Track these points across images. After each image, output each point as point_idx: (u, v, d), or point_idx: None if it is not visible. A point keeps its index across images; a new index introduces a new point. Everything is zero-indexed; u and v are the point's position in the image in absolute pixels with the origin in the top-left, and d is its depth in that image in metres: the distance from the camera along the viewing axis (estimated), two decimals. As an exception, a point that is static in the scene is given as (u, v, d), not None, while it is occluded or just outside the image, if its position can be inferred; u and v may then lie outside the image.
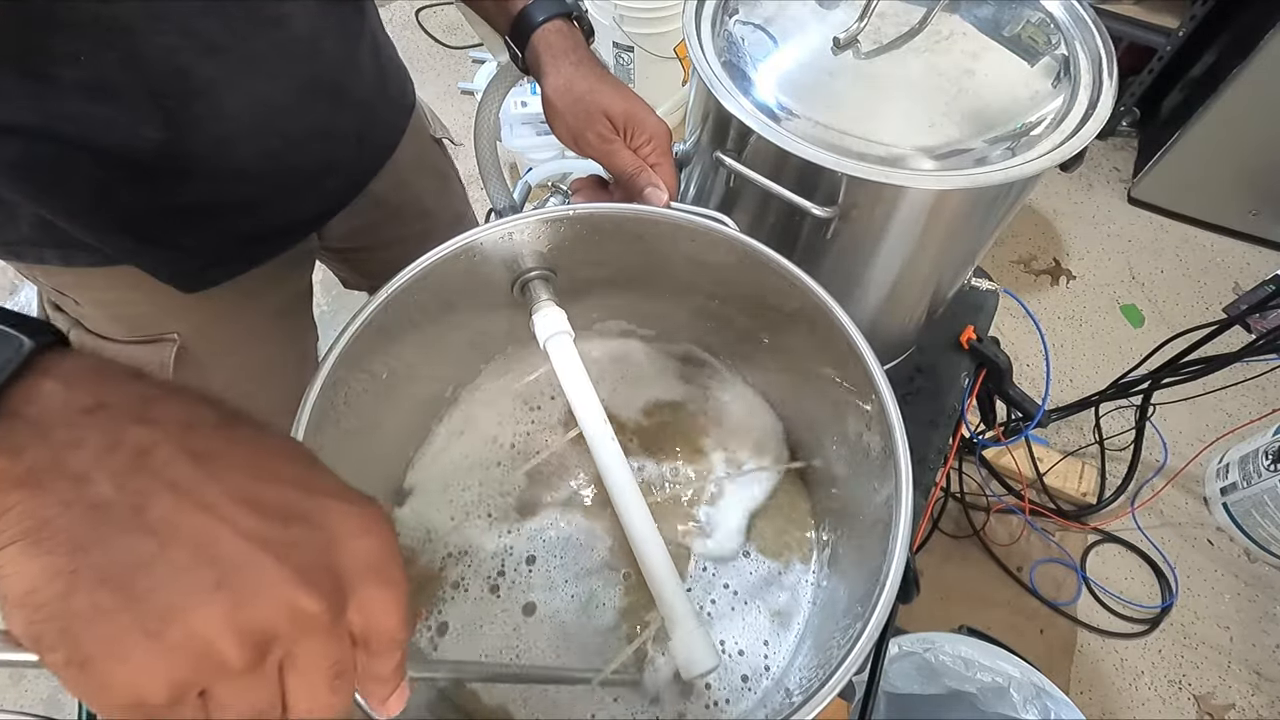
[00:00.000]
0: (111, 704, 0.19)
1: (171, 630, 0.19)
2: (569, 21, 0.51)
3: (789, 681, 0.44)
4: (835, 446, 0.48)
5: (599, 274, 0.51)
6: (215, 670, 0.19)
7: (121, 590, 0.19)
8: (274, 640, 0.20)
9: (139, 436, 0.20)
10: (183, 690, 0.19)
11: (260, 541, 0.20)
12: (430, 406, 0.54)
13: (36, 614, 0.18)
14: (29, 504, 0.19)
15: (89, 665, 0.18)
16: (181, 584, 0.19)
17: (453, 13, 2.22)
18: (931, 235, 0.51)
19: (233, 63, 0.44)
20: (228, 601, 0.19)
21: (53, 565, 0.18)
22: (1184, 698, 1.16)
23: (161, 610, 0.19)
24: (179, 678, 0.19)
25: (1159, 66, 1.67)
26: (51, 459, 0.19)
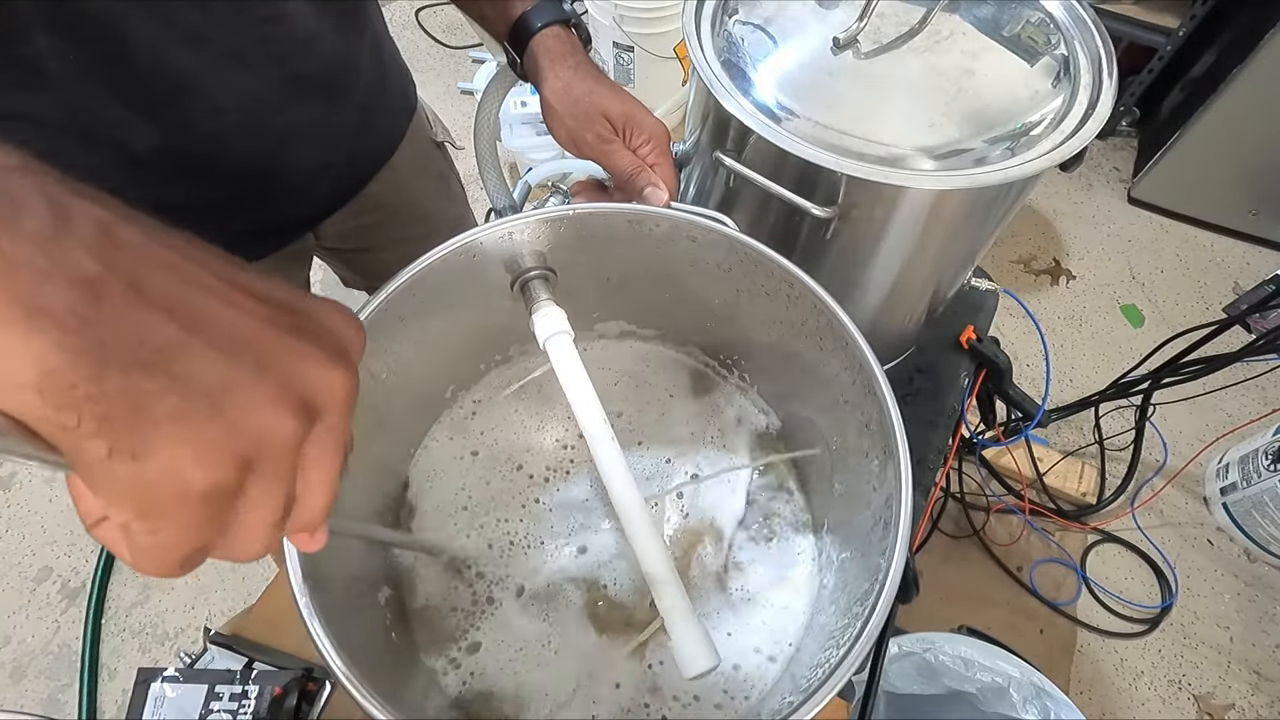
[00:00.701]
0: (179, 492, 0.17)
1: (231, 408, 0.18)
2: (567, 28, 0.51)
3: (789, 681, 0.44)
4: (835, 446, 0.48)
5: (599, 274, 0.51)
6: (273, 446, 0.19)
7: (159, 372, 0.17)
8: (319, 411, 0.20)
9: (91, 211, 0.17)
10: (247, 467, 0.19)
11: (279, 325, 0.20)
12: (430, 406, 0.54)
13: (66, 397, 0.16)
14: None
15: (145, 452, 0.17)
16: (223, 366, 0.18)
17: (453, 13, 2.22)
18: (931, 235, 0.50)
19: (215, 56, 0.43)
20: (278, 377, 0.19)
21: (68, 342, 0.16)
22: (1184, 698, 1.17)
23: (212, 390, 0.18)
24: (244, 454, 0.18)
25: (1159, 66, 1.67)
26: None
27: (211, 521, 0.19)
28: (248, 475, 0.19)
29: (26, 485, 1.34)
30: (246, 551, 0.20)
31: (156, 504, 0.17)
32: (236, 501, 0.19)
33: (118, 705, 1.14)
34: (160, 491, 0.17)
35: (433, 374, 0.52)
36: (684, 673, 0.37)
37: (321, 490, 0.21)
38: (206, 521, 0.19)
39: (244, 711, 0.51)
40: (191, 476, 0.17)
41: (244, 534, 0.20)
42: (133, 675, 0.52)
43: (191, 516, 0.18)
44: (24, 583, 1.24)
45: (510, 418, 0.56)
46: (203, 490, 0.18)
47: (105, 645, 1.19)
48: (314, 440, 0.20)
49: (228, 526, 0.19)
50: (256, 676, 0.52)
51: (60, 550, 1.28)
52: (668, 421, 0.56)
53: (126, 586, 1.25)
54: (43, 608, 1.22)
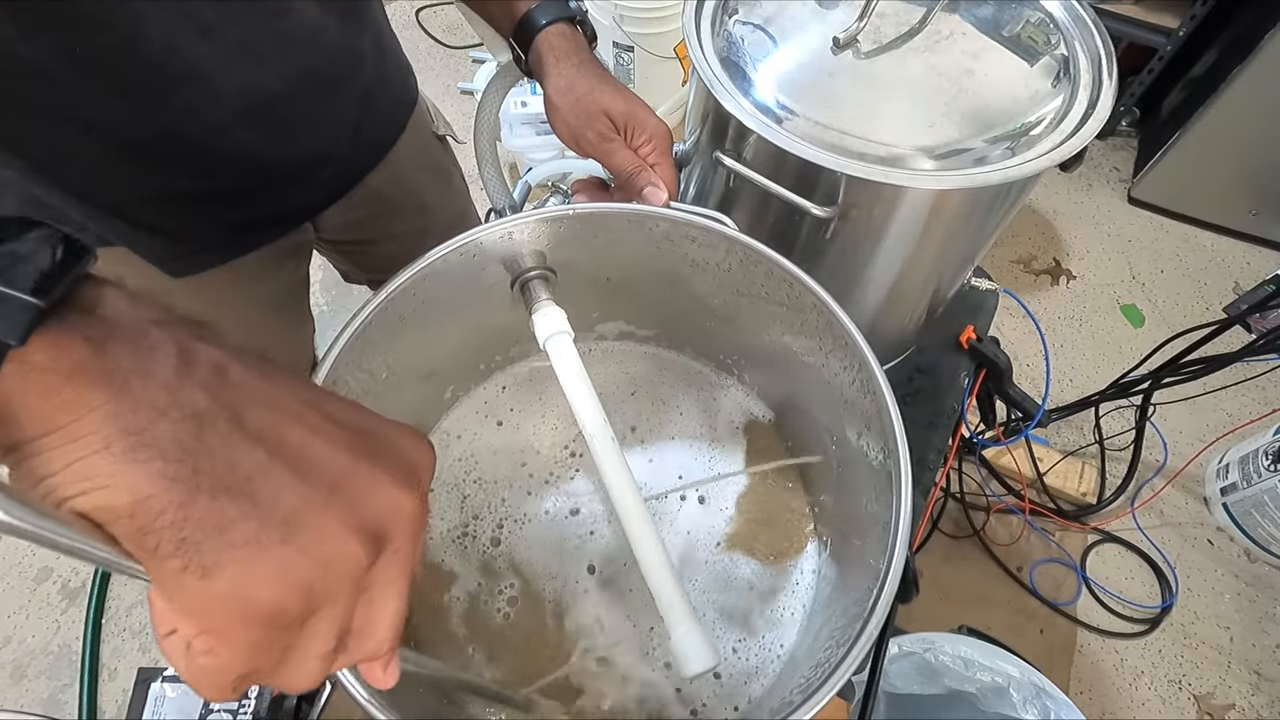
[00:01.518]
0: (242, 613, 0.18)
1: (302, 534, 0.19)
2: (572, 25, 0.51)
3: (789, 681, 0.44)
4: (835, 446, 0.48)
5: (599, 274, 0.51)
6: (338, 574, 0.20)
7: (243, 497, 0.18)
8: (385, 538, 0.21)
9: (210, 354, 0.20)
10: (312, 597, 0.19)
11: (353, 451, 0.21)
12: (430, 406, 0.54)
13: (154, 523, 0.17)
14: (115, 407, 0.17)
15: (215, 572, 0.18)
16: (299, 493, 0.19)
17: (453, 13, 2.22)
18: (931, 235, 0.50)
19: (225, 47, 0.44)
20: (347, 503, 0.20)
21: (164, 471, 0.17)
22: (1184, 698, 1.16)
23: (287, 516, 0.19)
24: (310, 581, 0.19)
25: (1159, 66, 1.67)
26: (135, 361, 0.18)
27: (270, 646, 0.19)
28: (313, 604, 0.19)
29: (26, 485, 1.34)
30: (297, 681, 0.21)
31: (219, 623, 0.18)
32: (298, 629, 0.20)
33: (118, 705, 1.13)
34: (224, 611, 0.18)
35: (433, 373, 0.52)
36: (683, 672, 0.37)
37: (385, 618, 0.22)
38: (265, 646, 0.19)
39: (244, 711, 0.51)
40: (256, 598, 0.18)
41: (298, 663, 0.20)
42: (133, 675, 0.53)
43: (251, 639, 0.19)
44: (24, 583, 1.24)
45: (510, 417, 0.56)
46: (266, 613, 0.19)
47: (105, 645, 1.19)
48: (380, 567, 0.21)
49: (283, 655, 0.20)
50: (256, 676, 0.52)
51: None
52: (668, 421, 0.56)
53: (126, 587, 1.25)
54: (43, 608, 1.22)
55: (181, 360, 0.19)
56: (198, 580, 0.18)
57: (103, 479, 0.17)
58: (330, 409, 0.22)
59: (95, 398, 0.17)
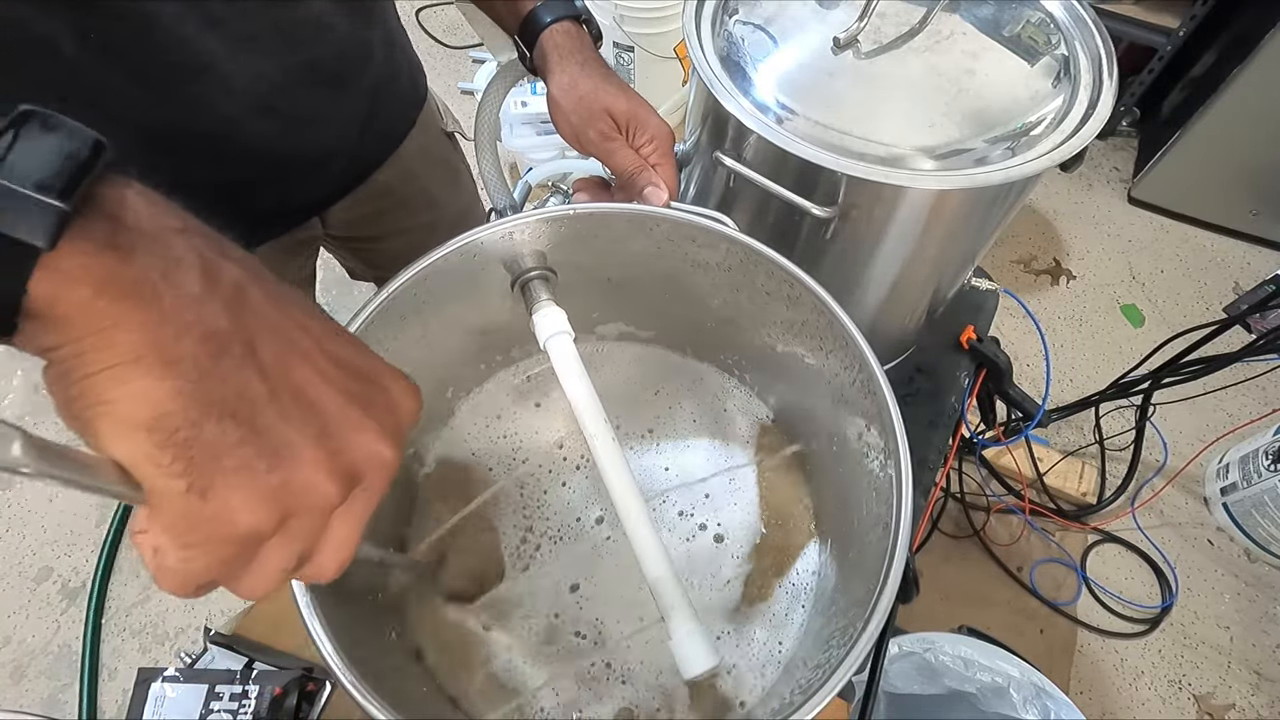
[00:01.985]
0: (223, 533, 0.19)
1: (288, 467, 0.20)
2: (577, 24, 0.51)
3: (789, 681, 0.44)
4: (835, 447, 0.48)
5: (599, 274, 0.51)
6: (311, 507, 0.21)
7: (245, 424, 0.20)
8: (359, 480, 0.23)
9: (231, 272, 0.21)
10: (284, 522, 0.21)
11: (348, 395, 0.22)
12: (430, 405, 0.54)
13: (169, 439, 0.18)
14: (145, 317, 0.18)
15: (210, 493, 0.19)
16: (291, 428, 0.21)
17: (453, 13, 2.22)
18: (931, 235, 0.50)
19: (234, 38, 0.44)
20: (332, 447, 0.22)
21: (184, 391, 0.18)
22: (1184, 698, 1.16)
23: (279, 448, 0.20)
24: (286, 509, 0.20)
25: (1159, 66, 1.67)
26: (162, 271, 0.19)
27: (239, 560, 0.21)
28: (282, 527, 0.21)
29: (26, 485, 1.34)
30: (253, 589, 0.22)
31: (200, 537, 0.19)
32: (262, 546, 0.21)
33: (118, 705, 1.14)
34: (207, 528, 0.19)
35: (433, 373, 0.52)
36: (684, 673, 0.37)
37: (339, 548, 0.23)
38: (234, 560, 0.20)
39: (244, 711, 0.51)
40: (238, 520, 0.19)
41: (258, 575, 0.22)
42: (133, 675, 0.52)
43: (224, 553, 0.20)
44: (24, 583, 1.24)
45: (510, 417, 0.56)
46: (244, 533, 0.20)
47: (105, 645, 1.19)
48: (347, 503, 0.23)
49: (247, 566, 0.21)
50: (257, 676, 0.52)
51: (60, 550, 1.28)
52: (668, 421, 0.56)
53: (126, 587, 1.25)
54: (43, 608, 1.22)
55: (205, 275, 0.20)
56: (196, 500, 0.19)
57: (130, 388, 0.18)
58: (335, 348, 0.23)
59: (127, 308, 0.18)
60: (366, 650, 0.36)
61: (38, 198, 0.17)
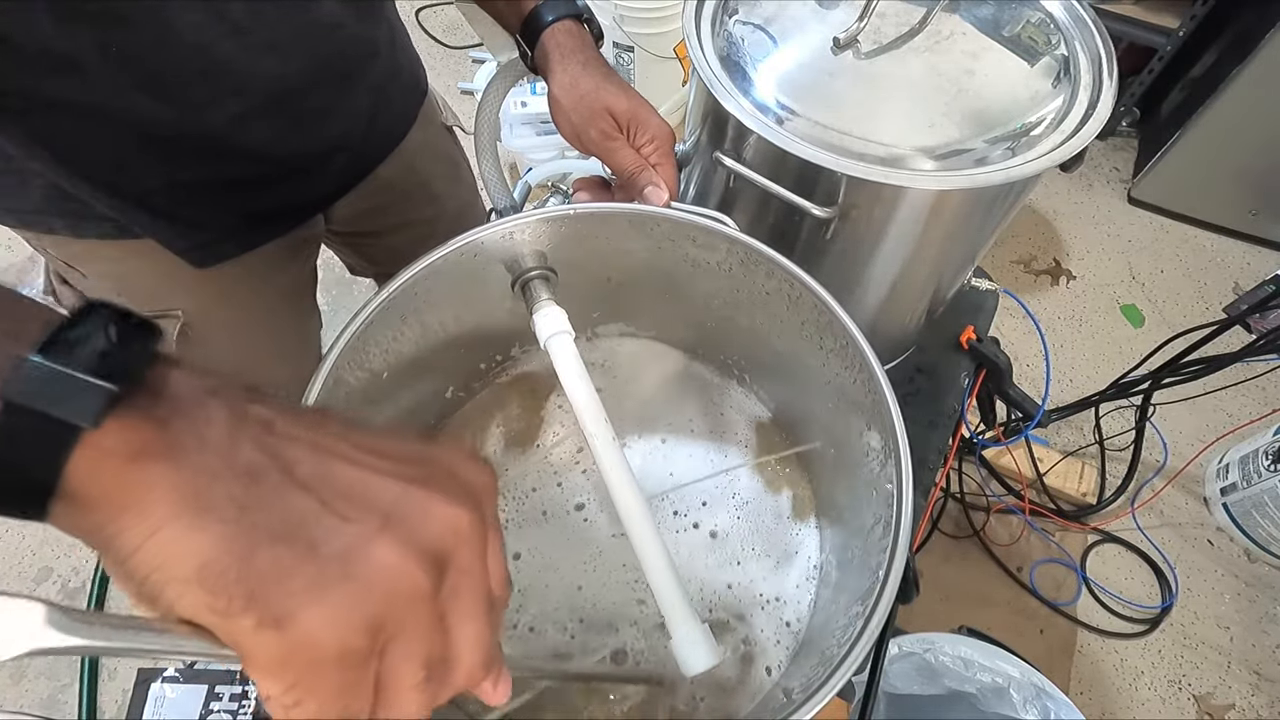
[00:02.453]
0: (315, 658, 0.18)
1: (359, 568, 0.19)
2: (579, 23, 0.52)
3: (789, 681, 0.44)
4: (834, 447, 0.48)
5: (599, 274, 0.51)
6: (401, 600, 0.20)
7: (299, 544, 0.19)
8: (447, 559, 0.21)
9: (259, 412, 0.21)
10: (379, 628, 0.19)
11: (403, 478, 0.21)
12: (431, 406, 0.54)
13: (219, 582, 0.18)
14: (176, 477, 0.18)
15: (286, 621, 0.18)
16: (353, 529, 0.20)
17: (453, 13, 2.22)
18: (931, 235, 0.50)
19: (253, 43, 0.44)
20: (400, 531, 0.20)
21: (223, 533, 0.18)
22: (1184, 698, 1.16)
23: (343, 554, 0.19)
24: (374, 611, 0.19)
25: (1159, 66, 1.67)
26: (192, 431, 0.19)
27: (352, 688, 0.19)
28: (384, 636, 0.19)
29: (26, 485, 1.34)
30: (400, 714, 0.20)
31: (297, 672, 0.18)
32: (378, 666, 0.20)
33: (118, 705, 1.14)
34: (299, 658, 0.18)
35: (434, 373, 0.52)
36: (685, 671, 0.37)
37: (470, 644, 0.21)
38: (349, 687, 0.19)
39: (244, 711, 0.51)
40: (324, 638, 0.18)
41: (393, 699, 0.20)
42: (133, 675, 0.53)
43: (331, 682, 0.19)
44: (24, 583, 1.24)
45: (511, 418, 0.56)
46: (335, 654, 0.18)
47: (105, 645, 1.19)
48: (449, 589, 0.21)
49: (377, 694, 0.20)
50: (257, 676, 0.52)
51: (60, 550, 1.28)
52: (669, 421, 0.56)
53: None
54: (43, 608, 1.22)
55: (233, 422, 0.20)
56: (274, 633, 0.18)
57: (172, 548, 0.18)
58: (380, 445, 0.22)
59: (157, 473, 0.18)
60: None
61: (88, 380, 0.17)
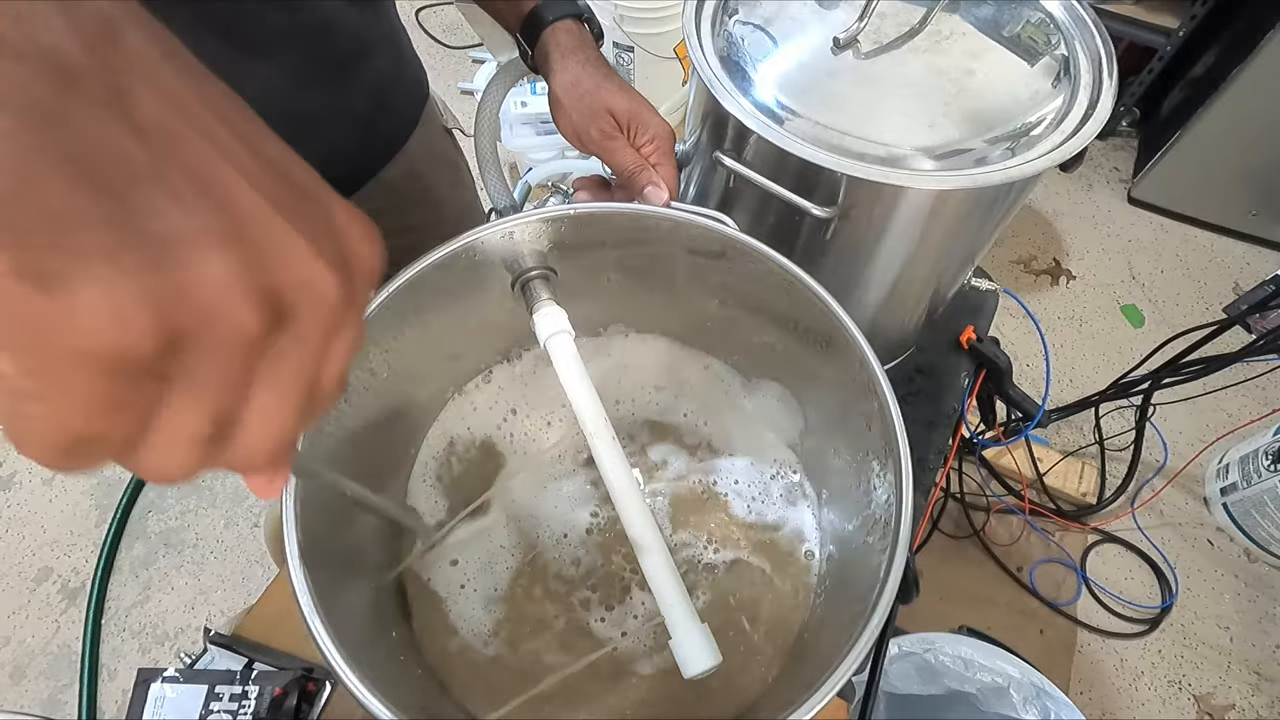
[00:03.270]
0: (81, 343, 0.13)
1: (178, 265, 0.14)
2: (579, 22, 0.51)
3: (789, 682, 0.44)
4: (835, 447, 0.48)
5: (599, 274, 0.51)
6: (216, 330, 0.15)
7: (107, 196, 0.13)
8: (287, 315, 0.16)
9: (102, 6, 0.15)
10: (173, 346, 0.14)
11: (274, 200, 0.16)
12: (431, 406, 0.54)
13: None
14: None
15: (55, 281, 0.13)
16: (185, 217, 0.14)
17: (453, 13, 2.22)
18: (931, 235, 0.50)
19: (242, 43, 0.44)
20: (246, 254, 0.15)
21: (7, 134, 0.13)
22: (1184, 698, 1.17)
23: (163, 237, 0.14)
24: (178, 324, 0.14)
25: (1159, 66, 1.67)
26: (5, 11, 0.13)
27: (111, 408, 0.14)
28: (175, 360, 0.15)
29: (26, 485, 1.34)
30: (163, 465, 0.16)
31: (50, 356, 0.13)
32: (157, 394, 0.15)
33: (118, 705, 1.14)
34: (60, 339, 0.13)
35: (433, 373, 0.52)
36: (685, 672, 0.37)
37: (268, 418, 0.17)
38: (104, 405, 0.14)
39: (244, 712, 0.51)
40: (100, 329, 0.13)
41: (163, 442, 0.16)
42: (133, 675, 0.52)
43: (92, 386, 0.14)
44: (24, 583, 1.24)
45: (511, 418, 0.56)
46: (110, 351, 0.14)
47: (105, 645, 1.19)
48: (274, 349, 0.16)
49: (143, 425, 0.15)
50: (256, 677, 0.52)
51: (60, 550, 1.28)
52: (668, 421, 0.56)
53: (126, 587, 1.25)
54: (43, 608, 1.22)
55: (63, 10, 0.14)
56: (31, 291, 0.13)
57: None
58: (258, 140, 0.17)
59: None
60: (367, 650, 0.36)
61: None
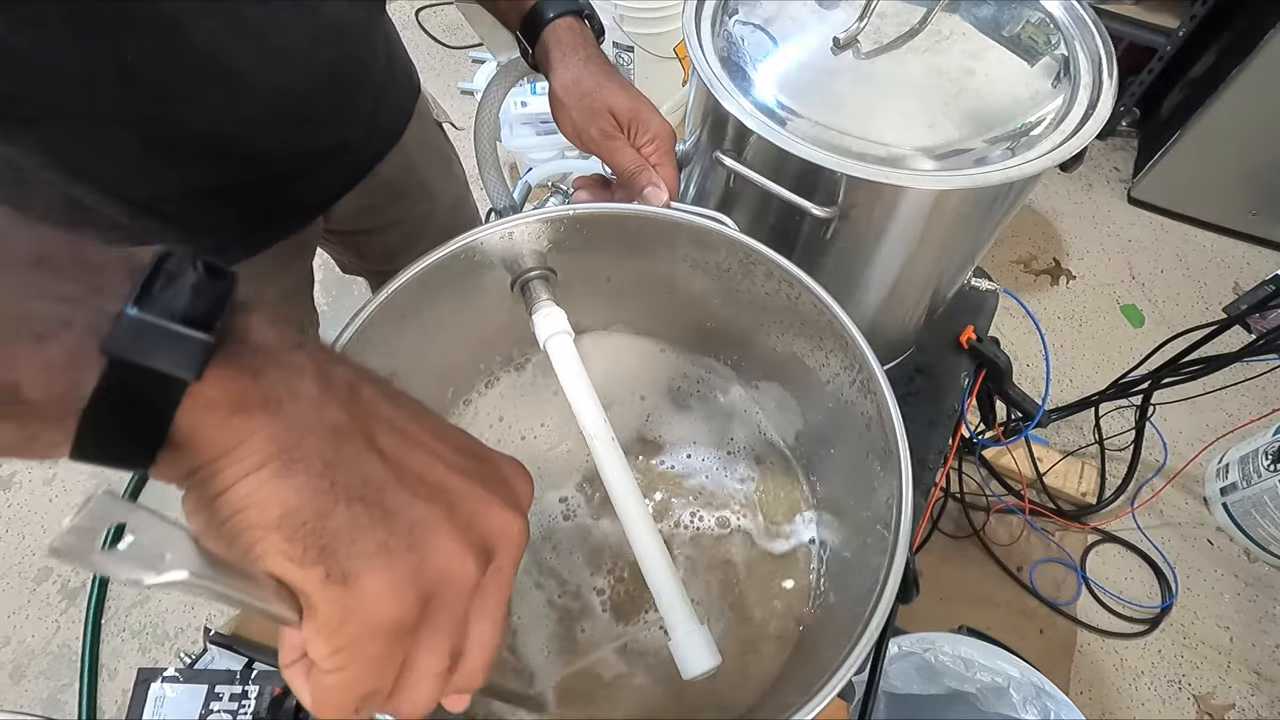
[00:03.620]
0: (371, 622, 0.19)
1: (424, 543, 0.20)
2: (580, 19, 0.51)
3: (789, 682, 0.44)
4: (835, 447, 0.48)
5: (599, 274, 0.51)
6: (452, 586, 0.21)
7: (374, 509, 0.20)
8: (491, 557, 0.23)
9: (344, 374, 0.22)
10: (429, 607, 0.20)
11: (468, 474, 0.23)
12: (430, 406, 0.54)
13: (298, 532, 0.19)
14: (273, 428, 0.19)
15: (353, 579, 0.19)
16: (422, 506, 0.21)
17: (453, 13, 2.22)
18: (931, 235, 0.50)
19: (264, 47, 0.45)
20: (463, 519, 0.22)
21: (309, 485, 0.19)
22: (1184, 698, 1.16)
23: (412, 526, 0.20)
24: (429, 588, 0.20)
25: (1159, 66, 1.67)
26: (285, 384, 0.20)
27: (388, 662, 0.20)
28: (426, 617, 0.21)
29: (26, 485, 1.34)
30: (414, 702, 0.21)
31: (349, 634, 0.19)
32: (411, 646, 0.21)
33: (118, 705, 1.14)
34: (355, 618, 0.19)
35: (433, 373, 0.52)
36: (684, 673, 0.37)
37: (484, 643, 0.23)
38: (385, 661, 0.20)
39: (244, 711, 0.51)
40: (384, 604, 0.19)
41: (415, 682, 0.21)
42: (133, 675, 0.53)
43: (373, 651, 0.20)
44: (24, 583, 1.24)
45: (510, 417, 0.56)
46: (389, 621, 0.20)
47: (105, 645, 1.19)
48: (484, 585, 0.23)
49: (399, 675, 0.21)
50: (256, 676, 0.52)
51: (60, 550, 1.28)
52: (668, 422, 0.56)
53: (126, 587, 1.24)
54: (43, 608, 1.22)
55: (322, 380, 0.21)
56: (340, 589, 0.19)
57: (260, 494, 0.19)
58: (447, 435, 0.24)
59: (256, 422, 0.19)
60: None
61: (185, 332, 0.18)
